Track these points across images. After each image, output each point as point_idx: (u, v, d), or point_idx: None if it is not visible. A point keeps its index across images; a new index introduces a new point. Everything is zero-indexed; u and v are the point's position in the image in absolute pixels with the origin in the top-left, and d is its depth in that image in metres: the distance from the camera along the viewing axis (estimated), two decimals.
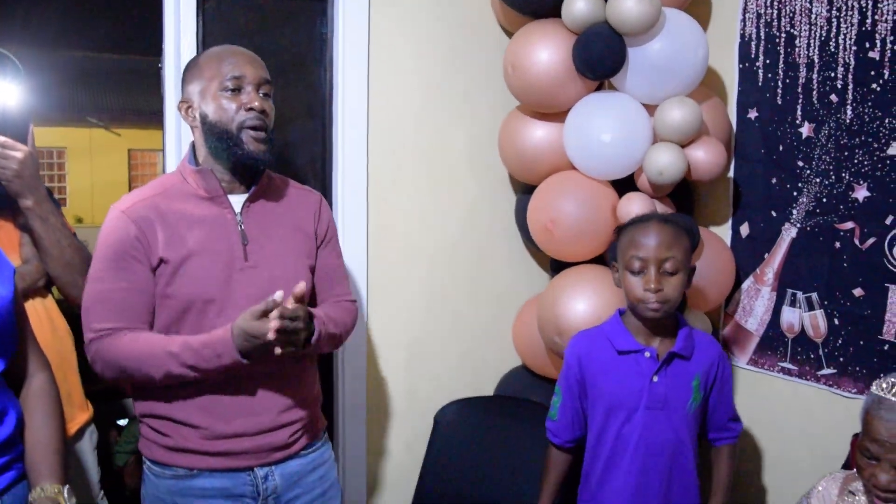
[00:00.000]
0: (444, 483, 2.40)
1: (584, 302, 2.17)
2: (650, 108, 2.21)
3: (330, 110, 2.45)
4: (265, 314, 1.56)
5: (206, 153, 1.76)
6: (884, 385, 1.57)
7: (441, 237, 2.56)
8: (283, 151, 2.45)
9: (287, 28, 2.43)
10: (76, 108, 9.78)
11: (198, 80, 1.74)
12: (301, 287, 1.61)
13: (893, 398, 1.53)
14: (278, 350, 1.58)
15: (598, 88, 2.33)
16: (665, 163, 2.10)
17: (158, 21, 2.31)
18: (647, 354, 1.87)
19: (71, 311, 1.96)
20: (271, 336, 1.54)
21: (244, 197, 1.78)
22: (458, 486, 2.39)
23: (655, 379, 1.86)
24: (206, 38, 2.29)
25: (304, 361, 1.84)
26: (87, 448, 2.03)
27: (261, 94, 1.74)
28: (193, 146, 1.81)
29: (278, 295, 1.57)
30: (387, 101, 2.43)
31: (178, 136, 2.29)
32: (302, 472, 1.84)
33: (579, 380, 1.95)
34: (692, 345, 1.90)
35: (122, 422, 3.39)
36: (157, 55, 2.34)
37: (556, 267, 2.47)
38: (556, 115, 2.30)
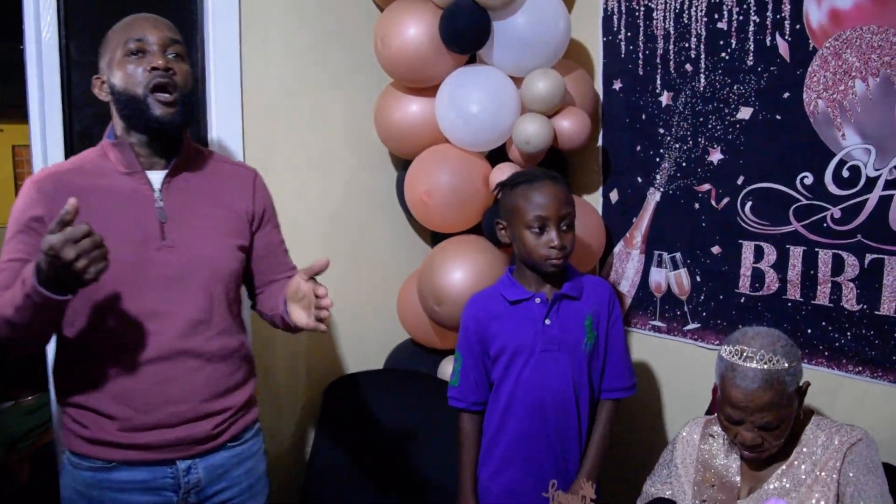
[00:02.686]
0: (337, 456, 2.43)
1: (461, 271, 2.24)
2: (517, 81, 2.28)
3: (203, 91, 2.42)
4: (64, 224, 1.35)
5: (122, 126, 1.69)
6: (733, 350, 1.66)
7: (322, 215, 2.57)
8: None
9: (154, 8, 2.36)
10: None
11: (106, 53, 1.68)
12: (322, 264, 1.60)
13: (743, 364, 1.63)
14: (90, 270, 1.38)
15: (471, 62, 2.39)
16: (531, 132, 2.18)
17: (19, 4, 2.23)
18: (538, 300, 1.95)
19: None
20: (69, 253, 1.33)
21: (165, 172, 1.70)
22: (350, 458, 2.42)
23: (547, 322, 1.95)
24: (68, 19, 2.23)
25: (231, 347, 1.77)
26: None
27: (169, 55, 1.66)
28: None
29: (72, 201, 1.35)
30: (261, 81, 2.42)
31: (43, 126, 2.20)
32: (227, 466, 1.78)
33: (479, 339, 2.01)
34: (580, 286, 1.99)
35: None
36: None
37: (436, 240, 2.52)
38: (429, 89, 2.35)
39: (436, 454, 2.32)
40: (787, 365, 1.61)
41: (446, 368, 2.55)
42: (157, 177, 1.70)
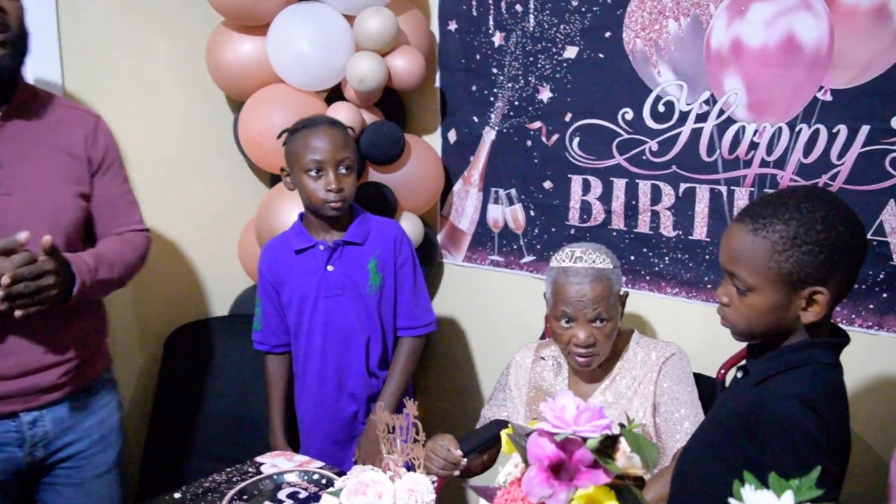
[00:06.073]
0: (181, 406, 2.38)
1: (298, 212, 2.22)
2: (350, 19, 2.26)
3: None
4: (4, 253, 1.43)
5: None
6: (562, 256, 1.79)
7: (153, 159, 2.47)
8: None
9: None
10: None
11: None
12: (47, 241, 1.47)
13: (574, 265, 1.75)
14: (18, 313, 1.45)
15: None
16: (365, 70, 2.18)
17: None
18: (321, 247, 2.01)
19: None
20: None
21: None
22: (195, 406, 2.38)
23: (330, 268, 2.01)
24: None
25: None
26: None
27: None
28: None
29: (22, 235, 1.43)
30: (80, 16, 2.27)
31: None
32: (78, 417, 1.73)
33: (273, 285, 2.07)
34: (365, 231, 2.04)
35: None
36: None
37: (275, 182, 2.49)
38: (261, 27, 2.29)
39: None
40: (612, 266, 1.77)
41: None
42: None
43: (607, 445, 0.98)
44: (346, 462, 2.06)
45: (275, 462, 1.79)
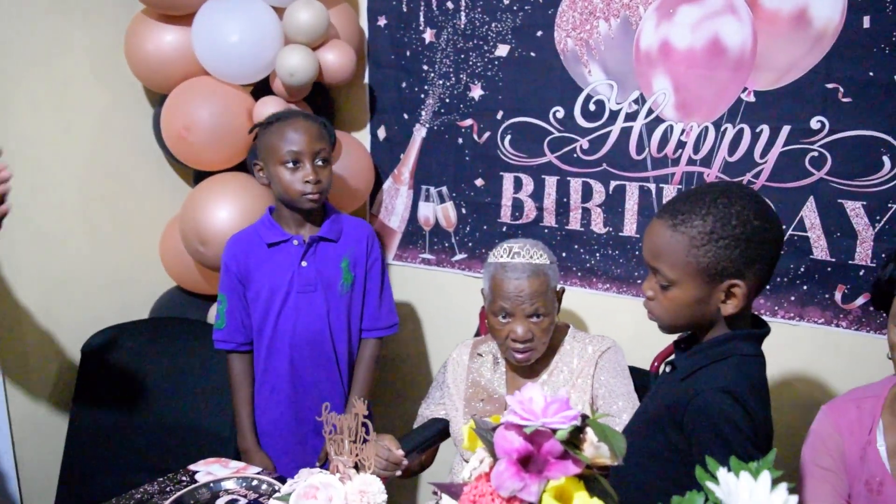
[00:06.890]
0: (102, 416, 2.27)
1: (226, 209, 2.16)
2: (279, 11, 2.21)
3: None
4: None
5: None
6: (500, 252, 1.79)
7: (70, 157, 2.34)
8: None
9: None
10: None
11: None
12: None
13: (512, 260, 1.76)
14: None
15: None
16: (295, 64, 2.13)
17: None
18: (296, 242, 1.98)
19: None
20: None
21: None
22: (118, 415, 2.28)
23: (304, 263, 1.98)
24: None
25: None
26: None
27: None
28: None
29: None
30: None
31: None
32: None
33: (240, 279, 2.01)
34: (339, 228, 2.03)
35: None
36: None
37: (199, 180, 2.40)
38: (185, 17, 2.21)
39: (208, 398, 2.25)
40: (549, 261, 1.78)
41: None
42: None
43: (574, 436, 0.98)
44: (312, 462, 2.01)
45: (209, 469, 1.72)
